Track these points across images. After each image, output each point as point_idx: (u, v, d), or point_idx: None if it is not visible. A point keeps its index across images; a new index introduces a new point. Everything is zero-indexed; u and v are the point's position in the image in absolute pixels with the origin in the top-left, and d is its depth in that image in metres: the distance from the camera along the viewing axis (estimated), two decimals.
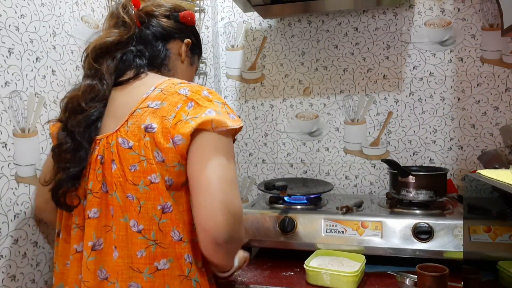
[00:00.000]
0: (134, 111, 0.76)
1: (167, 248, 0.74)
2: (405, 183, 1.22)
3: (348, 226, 1.15)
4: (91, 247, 0.75)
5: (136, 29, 0.86)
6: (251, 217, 1.22)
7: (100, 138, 0.77)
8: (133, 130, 0.74)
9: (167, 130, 0.73)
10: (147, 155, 0.73)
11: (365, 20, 1.50)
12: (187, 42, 0.92)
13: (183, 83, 0.79)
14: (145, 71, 0.84)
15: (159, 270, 0.73)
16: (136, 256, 0.73)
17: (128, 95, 0.80)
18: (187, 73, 0.95)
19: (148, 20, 0.88)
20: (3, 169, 0.88)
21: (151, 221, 0.73)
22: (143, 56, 0.85)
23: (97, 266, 0.75)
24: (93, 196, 0.76)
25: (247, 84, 1.64)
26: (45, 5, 1.00)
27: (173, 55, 0.91)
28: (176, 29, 0.90)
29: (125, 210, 0.74)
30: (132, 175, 0.73)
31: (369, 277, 1.08)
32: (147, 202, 0.73)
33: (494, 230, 0.77)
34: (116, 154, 0.74)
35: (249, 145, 1.65)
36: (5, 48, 0.89)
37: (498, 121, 1.40)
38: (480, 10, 1.39)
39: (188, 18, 0.92)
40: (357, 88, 1.53)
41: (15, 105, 0.91)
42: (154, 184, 0.73)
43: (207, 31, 1.58)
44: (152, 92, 0.77)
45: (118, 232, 0.74)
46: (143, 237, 0.73)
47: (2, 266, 0.88)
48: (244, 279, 1.10)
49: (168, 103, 0.75)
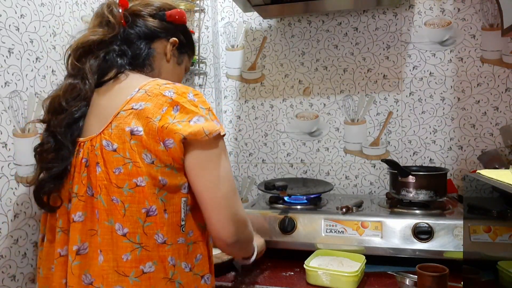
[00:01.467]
0: (118, 113, 0.75)
1: (151, 251, 0.73)
2: (405, 183, 1.22)
3: (348, 226, 1.15)
4: (75, 251, 0.74)
5: (121, 29, 0.86)
6: (251, 217, 1.20)
7: (84, 140, 0.77)
8: (117, 132, 0.74)
9: (154, 132, 0.72)
10: (133, 157, 0.72)
11: (365, 20, 1.50)
12: (173, 41, 0.91)
13: (168, 84, 0.78)
14: (125, 70, 0.83)
15: (145, 273, 0.73)
16: (121, 260, 0.72)
17: (112, 97, 0.79)
18: (174, 72, 0.94)
19: (133, 20, 0.87)
20: (3, 169, 0.88)
21: (136, 224, 0.72)
22: (125, 56, 0.84)
23: (82, 270, 0.74)
24: (78, 200, 0.75)
25: (247, 84, 1.64)
26: (45, 5, 1.00)
27: (157, 54, 0.89)
28: (162, 28, 0.89)
29: (110, 214, 0.73)
30: (116, 177, 0.73)
31: (369, 277, 1.08)
32: (132, 205, 0.72)
33: (494, 230, 0.77)
34: (101, 156, 0.74)
35: (249, 145, 1.66)
36: (5, 48, 0.89)
37: (498, 121, 1.40)
38: (480, 10, 1.39)
39: (175, 16, 0.90)
40: (357, 88, 1.53)
41: (15, 105, 0.91)
42: (140, 187, 0.72)
43: (207, 31, 1.58)
44: (136, 94, 0.76)
45: (103, 236, 0.73)
46: (128, 240, 0.72)
47: (2, 266, 0.88)
48: (244, 279, 1.10)
49: (153, 104, 0.74)
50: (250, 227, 0.87)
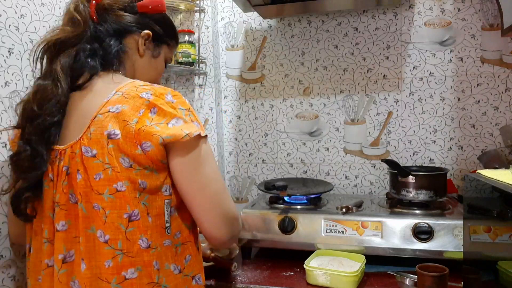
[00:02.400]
0: (95, 117, 0.73)
1: (134, 256, 0.72)
2: (405, 183, 1.22)
3: (348, 226, 1.15)
4: (61, 260, 0.74)
5: (91, 26, 0.81)
6: (251, 217, 1.22)
7: (65, 148, 0.75)
8: (96, 137, 0.72)
9: (131, 135, 0.70)
10: (112, 162, 0.71)
11: (365, 20, 1.50)
12: (144, 34, 0.85)
13: (145, 85, 0.76)
14: (98, 72, 0.79)
15: (127, 279, 0.72)
16: (104, 267, 0.71)
17: (88, 100, 0.76)
18: (150, 67, 0.89)
19: (102, 16, 0.81)
20: (3, 169, 0.88)
21: (117, 230, 0.71)
22: (95, 56, 0.79)
23: (69, 278, 0.74)
24: (60, 209, 0.74)
25: (247, 84, 1.64)
26: (45, 5, 1.00)
27: (129, 50, 0.84)
28: (133, 22, 0.84)
29: (91, 221, 0.72)
30: (96, 184, 0.71)
31: (369, 277, 1.08)
32: (113, 211, 0.71)
33: (494, 230, 0.77)
34: (81, 163, 0.72)
35: (249, 145, 1.65)
36: (5, 48, 0.89)
37: (498, 121, 1.40)
38: (480, 10, 1.39)
39: (148, 6, 0.84)
40: (357, 88, 1.53)
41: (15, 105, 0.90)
42: (120, 192, 0.71)
43: (207, 31, 1.58)
44: (113, 96, 0.74)
45: (86, 244, 0.72)
46: (110, 247, 0.71)
47: (2, 266, 0.88)
48: (244, 279, 1.10)
49: (129, 106, 0.72)
50: (240, 222, 0.86)
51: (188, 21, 1.58)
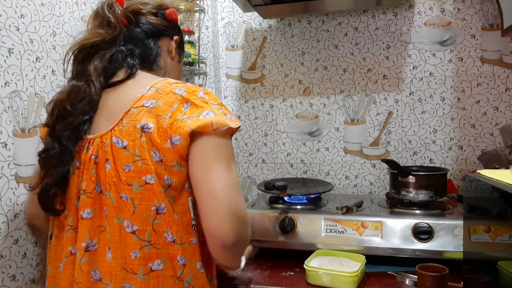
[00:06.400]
0: (128, 110, 0.75)
1: (160, 249, 0.73)
2: (405, 183, 1.22)
3: (348, 226, 1.15)
4: (84, 248, 0.75)
5: (124, 28, 0.85)
6: (251, 217, 1.22)
7: (93, 137, 0.76)
8: (128, 129, 0.74)
9: (164, 129, 0.72)
10: (143, 155, 0.72)
11: (365, 20, 1.50)
12: (176, 39, 0.93)
13: (178, 83, 0.79)
14: (137, 70, 0.83)
15: (153, 271, 0.73)
16: (130, 257, 0.72)
17: (121, 95, 0.79)
18: (177, 70, 0.96)
19: (135, 18, 0.87)
20: (3, 169, 0.88)
21: (146, 221, 0.73)
22: (134, 55, 0.84)
23: (91, 267, 0.74)
24: (87, 197, 0.75)
25: (247, 84, 1.64)
26: (45, 5, 1.00)
27: (163, 53, 0.91)
28: (165, 27, 0.90)
29: (119, 211, 0.73)
30: (126, 175, 0.73)
31: (369, 277, 1.08)
32: (141, 202, 0.73)
33: (494, 230, 0.77)
34: (110, 153, 0.74)
35: (249, 145, 1.65)
36: (5, 48, 0.89)
37: (498, 121, 1.40)
38: (480, 10, 1.39)
39: (173, 15, 0.92)
40: (357, 88, 1.53)
41: (15, 105, 0.91)
42: (149, 185, 0.72)
43: (207, 31, 1.58)
44: (147, 91, 0.76)
45: (112, 233, 0.73)
46: (137, 237, 0.73)
47: (2, 266, 0.88)
48: (244, 279, 1.10)
49: (164, 102, 0.74)
50: (249, 229, 0.84)
51: (188, 21, 1.58)
